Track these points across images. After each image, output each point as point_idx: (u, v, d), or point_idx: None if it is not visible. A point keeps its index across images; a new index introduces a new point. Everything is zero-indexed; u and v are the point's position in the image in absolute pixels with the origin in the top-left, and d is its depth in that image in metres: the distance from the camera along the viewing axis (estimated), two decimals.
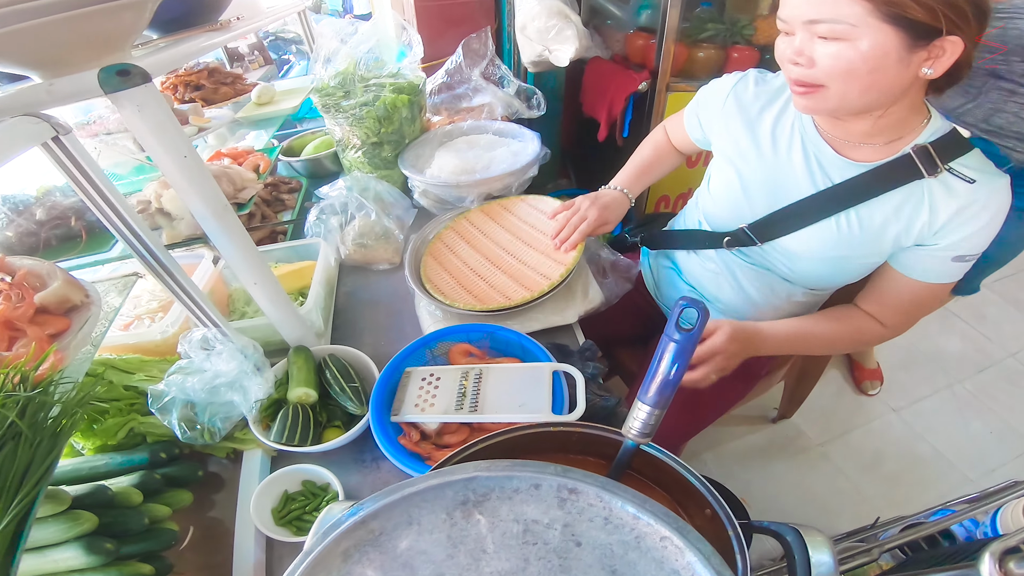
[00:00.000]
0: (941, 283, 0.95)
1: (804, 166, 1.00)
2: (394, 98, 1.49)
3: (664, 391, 0.58)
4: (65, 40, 0.61)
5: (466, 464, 0.56)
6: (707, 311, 0.56)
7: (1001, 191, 0.88)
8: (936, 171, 0.89)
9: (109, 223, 0.71)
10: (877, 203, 0.94)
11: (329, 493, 0.92)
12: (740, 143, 1.09)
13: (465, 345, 1.00)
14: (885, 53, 0.75)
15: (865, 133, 0.93)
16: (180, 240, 1.07)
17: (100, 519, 0.77)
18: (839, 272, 1.05)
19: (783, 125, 1.04)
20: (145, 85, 0.62)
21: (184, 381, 0.87)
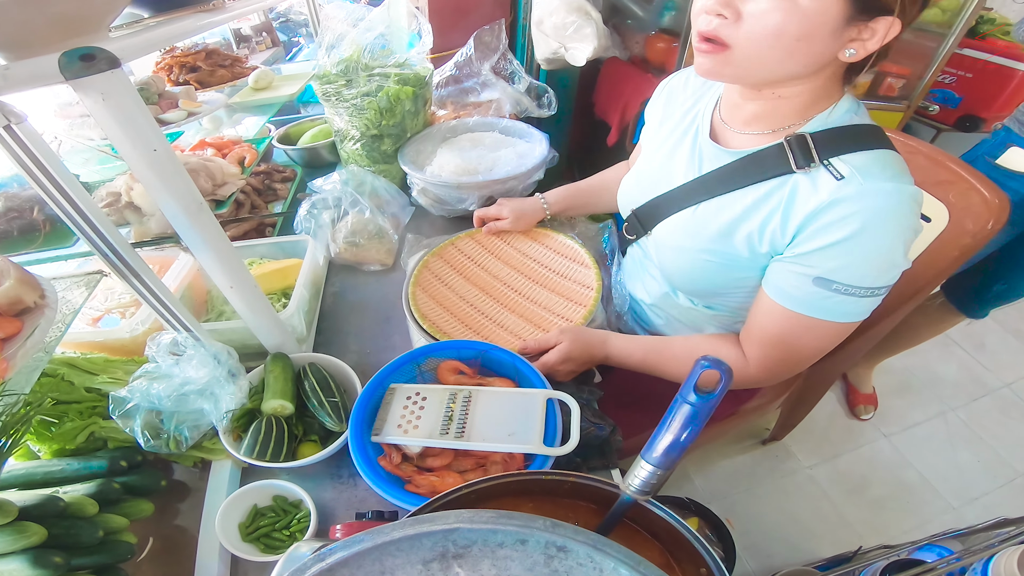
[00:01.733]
0: (807, 315, 0.80)
1: (688, 154, 0.95)
2: (398, 89, 1.42)
3: (671, 453, 0.53)
4: (30, 19, 0.56)
5: (447, 512, 0.51)
6: (731, 373, 0.50)
7: (882, 197, 0.72)
8: (809, 165, 0.76)
9: (68, 219, 0.65)
10: (738, 195, 0.85)
11: (301, 511, 0.87)
12: (653, 130, 1.09)
13: (455, 362, 0.94)
14: (824, 20, 0.67)
15: (756, 116, 0.85)
16: (150, 238, 1.00)
17: (50, 530, 0.73)
18: (699, 273, 0.94)
19: (693, 112, 0.99)
20: (112, 71, 0.56)
21: (149, 387, 0.82)
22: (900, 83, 2.39)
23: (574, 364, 0.98)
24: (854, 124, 0.79)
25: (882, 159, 0.75)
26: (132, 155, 0.63)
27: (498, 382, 0.92)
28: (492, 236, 1.32)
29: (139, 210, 0.97)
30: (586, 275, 1.18)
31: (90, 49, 0.55)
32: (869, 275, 0.74)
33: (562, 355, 0.96)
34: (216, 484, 0.91)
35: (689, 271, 0.96)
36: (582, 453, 0.88)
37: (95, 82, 0.56)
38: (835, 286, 0.75)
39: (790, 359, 0.88)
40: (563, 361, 0.96)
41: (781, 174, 0.80)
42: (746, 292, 0.93)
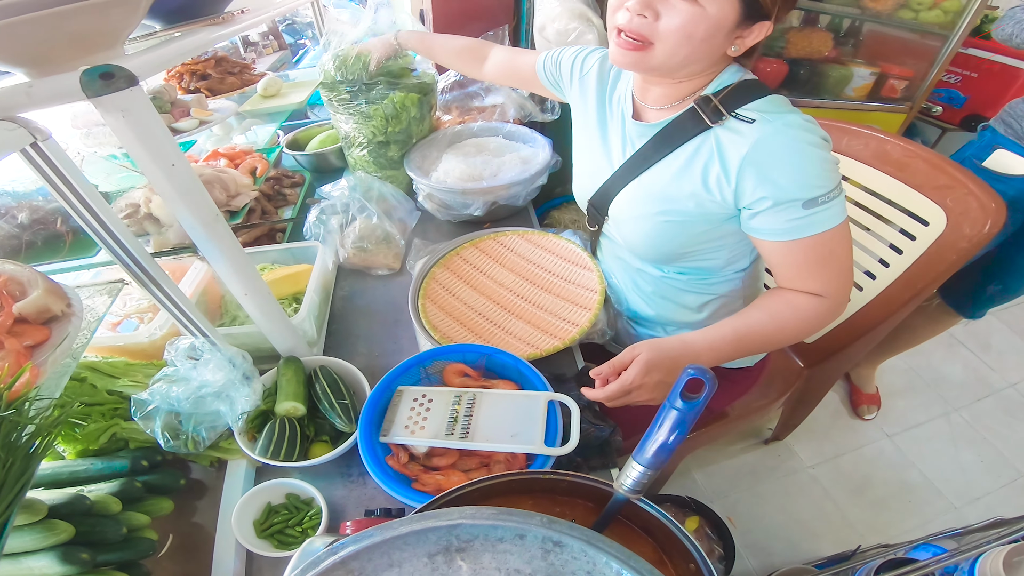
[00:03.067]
0: (820, 231, 0.87)
1: (621, 137, 1.06)
2: (403, 97, 1.45)
3: (660, 455, 0.56)
4: (50, 37, 0.58)
5: (451, 509, 0.54)
6: (715, 381, 0.54)
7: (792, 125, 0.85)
8: (721, 119, 0.89)
9: (91, 230, 0.68)
10: (670, 158, 0.96)
11: (313, 508, 0.90)
12: (588, 116, 1.14)
13: (460, 365, 0.97)
14: (723, 24, 0.80)
15: (662, 95, 0.97)
16: (168, 248, 1.04)
17: (77, 528, 0.76)
18: (660, 236, 1.02)
19: (615, 97, 1.09)
20: (131, 89, 0.59)
21: (169, 390, 0.85)
22: (903, 84, 2.39)
23: (661, 374, 0.88)
24: (743, 80, 0.92)
25: (774, 101, 0.89)
26: (151, 169, 0.66)
27: (502, 384, 0.95)
28: (496, 243, 1.34)
29: (158, 221, 1.00)
30: (588, 278, 1.20)
31: (109, 67, 0.57)
32: (829, 177, 0.86)
33: (643, 366, 0.87)
34: (232, 483, 0.94)
35: (651, 237, 1.04)
36: (583, 453, 0.91)
37: (115, 100, 0.58)
38: (819, 199, 0.85)
39: (843, 268, 0.94)
40: (646, 372, 0.87)
41: (701, 131, 0.92)
42: (707, 248, 1.03)
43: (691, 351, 0.93)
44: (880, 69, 2.48)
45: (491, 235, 1.36)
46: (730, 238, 1.01)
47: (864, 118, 2.48)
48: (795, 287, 0.96)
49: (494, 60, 1.38)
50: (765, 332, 0.96)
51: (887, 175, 1.24)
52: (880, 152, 1.25)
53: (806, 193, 0.84)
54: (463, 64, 1.44)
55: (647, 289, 1.16)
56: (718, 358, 0.95)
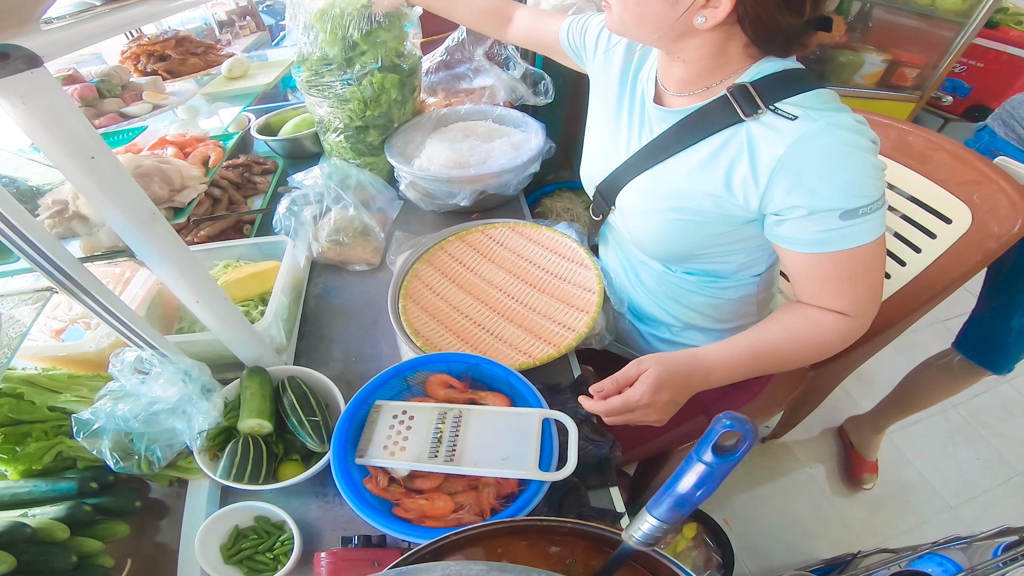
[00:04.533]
0: (854, 246, 0.80)
1: (639, 120, 0.98)
2: (382, 78, 1.34)
3: (679, 509, 0.47)
4: None
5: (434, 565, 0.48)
6: (756, 434, 0.44)
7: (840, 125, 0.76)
8: (756, 112, 0.80)
9: (2, 236, 0.57)
10: (692, 151, 0.88)
11: (285, 532, 0.83)
12: (608, 94, 1.05)
13: (445, 376, 0.88)
14: None
15: (681, 79, 0.88)
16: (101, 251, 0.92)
17: (19, 557, 0.71)
18: (670, 235, 0.94)
19: (637, 77, 1.01)
20: (31, 71, 0.50)
21: (115, 408, 0.77)
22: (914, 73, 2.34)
23: (671, 392, 0.82)
24: (787, 69, 0.82)
25: (821, 95, 0.79)
26: (66, 163, 0.57)
27: (491, 397, 0.87)
28: (484, 237, 1.25)
29: (88, 220, 0.89)
30: (586, 276, 1.12)
31: (3, 47, 0.48)
32: (874, 185, 0.77)
33: (653, 384, 0.80)
34: (194, 505, 0.87)
35: (659, 234, 0.96)
36: (580, 472, 0.83)
37: (12, 84, 0.50)
38: (860, 211, 0.77)
39: (873, 287, 0.86)
40: (655, 391, 0.80)
41: (731, 124, 0.83)
42: (720, 252, 0.95)
43: (703, 368, 0.85)
44: (892, 56, 2.42)
45: (479, 227, 1.28)
46: (748, 242, 0.93)
47: (873, 106, 2.43)
48: (817, 303, 0.88)
49: (518, 23, 1.27)
50: (784, 351, 0.89)
51: (908, 168, 1.17)
52: (901, 143, 1.17)
53: (847, 203, 0.76)
54: (486, 25, 1.31)
55: (652, 287, 1.09)
56: (731, 376, 0.88)
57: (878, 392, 1.97)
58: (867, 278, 0.84)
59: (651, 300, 1.10)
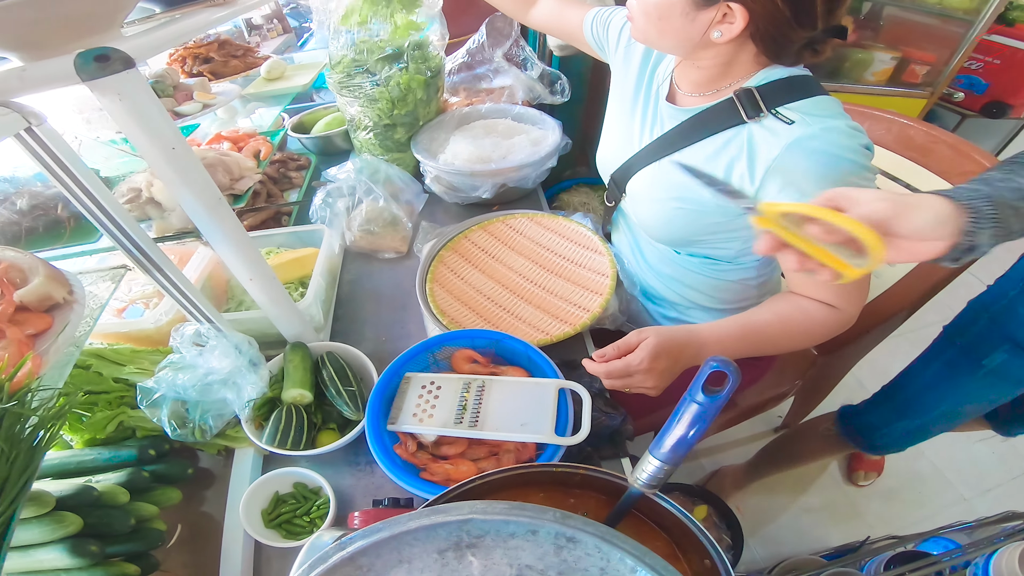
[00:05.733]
0: None
1: (651, 116, 1.05)
2: (409, 78, 1.42)
3: (678, 449, 0.54)
4: (43, 20, 0.56)
5: (462, 504, 0.53)
6: (739, 374, 0.51)
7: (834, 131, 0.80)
8: (759, 115, 0.86)
9: (91, 216, 0.66)
10: (697, 147, 0.94)
11: (320, 497, 0.90)
12: (626, 87, 1.11)
13: (469, 351, 0.95)
14: (671, 4, 0.80)
15: (694, 82, 0.95)
16: (171, 233, 1.02)
17: (85, 520, 0.75)
18: (674, 222, 1.01)
19: (655, 76, 1.07)
20: (127, 71, 0.57)
21: (175, 378, 0.84)
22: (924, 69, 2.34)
23: (668, 361, 0.86)
24: (793, 76, 0.87)
25: (821, 103, 0.85)
26: (151, 153, 0.64)
27: (512, 371, 0.93)
28: (505, 226, 1.32)
29: (160, 205, 0.98)
30: (600, 262, 1.18)
31: (104, 50, 0.55)
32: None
33: (651, 351, 0.84)
34: (239, 472, 0.94)
35: (663, 221, 1.03)
36: (593, 442, 0.89)
37: (111, 83, 0.57)
38: None
39: (858, 285, 0.91)
40: (654, 358, 0.84)
41: (734, 125, 0.89)
42: (718, 239, 1.01)
43: (697, 341, 0.91)
44: (902, 54, 2.42)
45: (500, 218, 1.34)
46: (744, 231, 0.98)
47: (883, 103, 2.42)
48: (807, 293, 0.94)
49: (543, 7, 1.32)
50: (772, 334, 0.95)
51: (910, 161, 1.20)
52: (903, 137, 1.21)
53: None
54: (510, 4, 1.38)
55: (660, 268, 1.15)
56: (722, 352, 0.91)
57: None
58: None
59: (659, 280, 1.17)
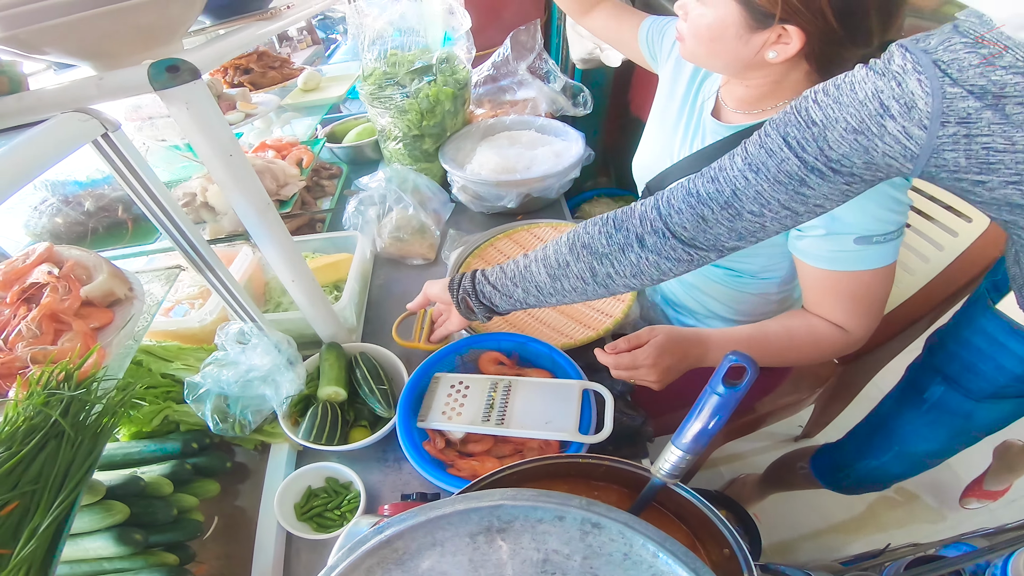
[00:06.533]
0: (862, 270, 0.85)
1: (693, 129, 1.05)
2: (437, 90, 1.47)
3: (700, 439, 0.57)
4: (117, 31, 0.62)
5: (493, 491, 0.56)
6: (757, 368, 0.54)
7: None
8: None
9: (154, 218, 0.71)
10: None
11: (351, 492, 0.94)
12: (672, 98, 1.11)
13: (495, 354, 0.99)
14: (724, 27, 0.79)
15: (741, 99, 0.94)
16: (223, 236, 1.07)
17: (131, 509, 0.79)
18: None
19: (701, 89, 1.06)
20: (194, 82, 0.62)
21: (219, 373, 0.88)
22: None
23: (672, 359, 0.92)
24: None
25: None
26: (211, 159, 0.69)
27: (536, 373, 0.97)
28: (529, 235, 1.35)
29: (213, 209, 1.04)
30: None
31: (175, 61, 0.60)
32: (892, 220, 0.81)
33: (659, 348, 0.91)
34: (275, 466, 0.98)
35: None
36: (614, 442, 0.92)
37: (180, 92, 0.61)
38: (874, 239, 0.82)
39: (873, 307, 0.92)
40: (659, 354, 0.90)
41: None
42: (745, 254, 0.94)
43: (703, 344, 0.95)
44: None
45: (524, 227, 1.38)
46: (771, 249, 0.99)
47: None
48: (820, 313, 0.95)
49: (603, 10, 1.30)
50: (777, 346, 0.97)
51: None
52: None
53: (863, 229, 0.82)
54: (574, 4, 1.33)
55: (683, 277, 1.15)
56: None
57: None
58: (868, 299, 0.90)
59: (681, 288, 1.19)
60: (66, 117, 0.58)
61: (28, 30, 0.60)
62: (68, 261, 0.73)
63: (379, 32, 1.47)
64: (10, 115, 0.60)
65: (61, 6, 0.58)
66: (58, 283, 0.69)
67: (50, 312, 0.67)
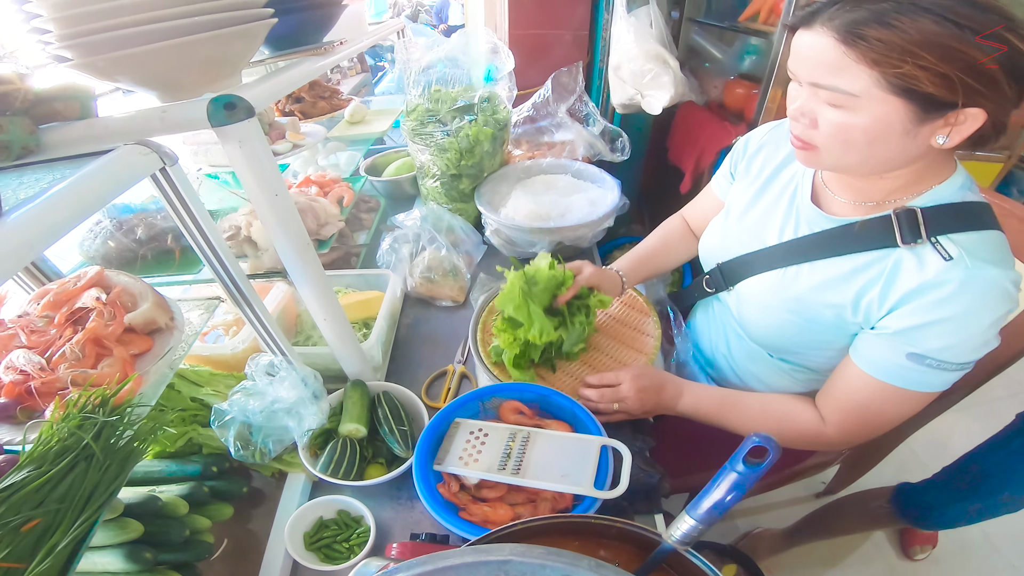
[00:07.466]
0: (894, 385, 0.80)
1: (784, 214, 0.96)
2: (478, 130, 1.49)
3: (714, 511, 0.57)
4: (180, 63, 0.65)
5: (503, 545, 0.56)
6: (779, 450, 0.54)
7: (987, 282, 0.72)
8: (916, 241, 0.76)
9: (200, 251, 0.74)
10: (833, 262, 0.86)
11: (361, 526, 0.94)
12: (749, 182, 1.06)
13: (517, 403, 0.99)
14: (888, 126, 0.70)
15: (859, 188, 0.86)
16: (262, 272, 1.10)
17: (146, 527, 0.80)
18: (782, 331, 0.96)
19: (791, 171, 0.99)
20: (248, 120, 0.64)
21: (246, 402, 0.90)
22: None
23: (646, 381, 0.98)
24: (965, 202, 0.78)
25: (990, 241, 0.76)
26: (258, 197, 0.72)
27: (555, 425, 0.96)
28: None
29: (255, 245, 1.07)
30: (645, 323, 1.22)
31: (232, 98, 0.62)
32: (964, 353, 0.76)
33: (633, 379, 0.97)
34: (290, 494, 0.99)
35: (773, 329, 0.98)
36: (629, 497, 0.91)
37: (235, 130, 0.64)
38: (928, 361, 0.76)
39: (871, 425, 0.88)
40: (633, 380, 0.97)
41: (884, 247, 0.80)
42: (826, 353, 0.95)
43: (678, 388, 1.00)
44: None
45: None
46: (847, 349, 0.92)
47: None
48: (820, 399, 0.94)
49: (695, 224, 1.31)
50: (747, 415, 0.98)
51: None
52: None
53: (923, 347, 0.77)
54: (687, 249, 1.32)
55: (745, 364, 1.12)
56: (695, 408, 1.00)
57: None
58: (873, 415, 0.86)
59: (730, 366, 1.15)
60: (128, 150, 0.61)
61: (104, 58, 0.63)
62: (116, 287, 0.76)
63: (425, 67, 1.51)
64: (78, 142, 0.62)
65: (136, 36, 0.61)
66: (104, 309, 0.72)
67: (94, 336, 0.70)
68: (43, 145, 0.61)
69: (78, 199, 0.52)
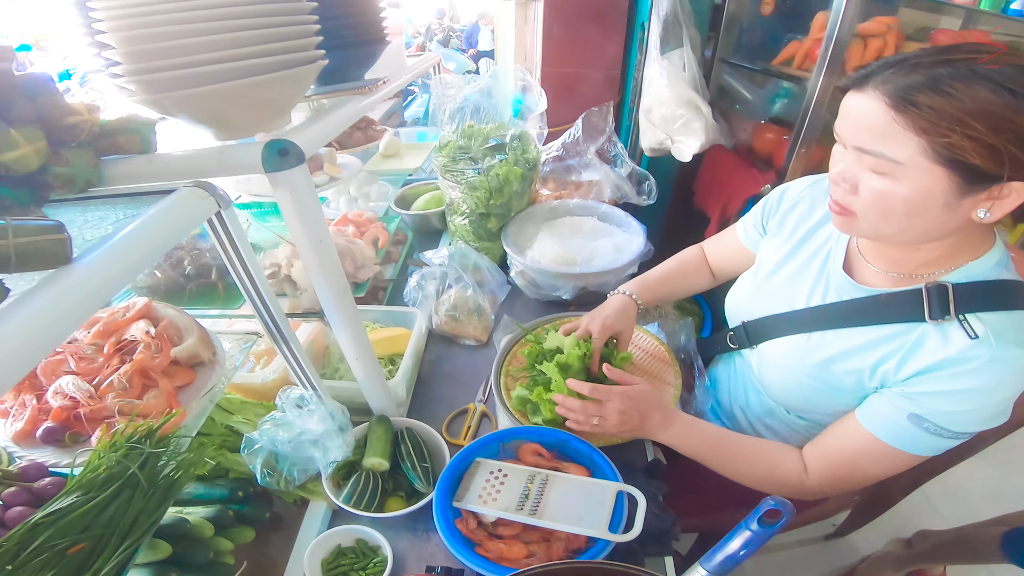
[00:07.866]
0: (886, 443, 0.80)
1: (815, 279, 0.96)
2: (508, 170, 1.51)
3: (726, 565, 0.60)
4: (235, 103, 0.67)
5: None
6: (794, 513, 0.57)
7: (1009, 363, 0.71)
8: (944, 317, 0.75)
9: (244, 290, 0.77)
10: (858, 331, 0.85)
11: (378, 556, 0.96)
12: (781, 242, 1.05)
13: (536, 446, 1.02)
14: (929, 197, 0.68)
15: (892, 259, 0.85)
16: (300, 311, 1.14)
17: (173, 548, 0.83)
18: (801, 393, 0.96)
19: (825, 235, 0.98)
20: (299, 167, 0.66)
21: (275, 432, 0.94)
22: None
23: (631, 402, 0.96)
24: (999, 280, 0.77)
25: (1019, 322, 0.74)
26: (303, 241, 0.74)
27: (573, 468, 0.99)
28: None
29: (295, 284, 1.11)
30: (666, 372, 1.23)
31: (285, 144, 0.64)
32: (967, 423, 0.75)
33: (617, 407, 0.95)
34: (311, 522, 1.02)
35: (792, 390, 0.98)
36: (641, 540, 0.92)
37: (286, 176, 0.66)
38: (927, 425, 0.76)
39: (852, 479, 0.89)
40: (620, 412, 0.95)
41: (911, 320, 0.79)
42: (844, 413, 0.93)
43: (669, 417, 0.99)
44: None
45: (574, 317, 1.39)
46: None
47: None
48: (809, 446, 0.95)
49: (713, 262, 1.32)
50: (732, 456, 0.98)
51: None
52: None
53: (926, 410, 0.77)
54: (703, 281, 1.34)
55: (762, 418, 1.12)
56: (680, 440, 0.99)
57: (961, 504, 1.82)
58: (856, 468, 0.87)
59: (746, 417, 1.16)
60: (188, 193, 0.63)
61: (170, 96, 0.65)
62: (163, 320, 0.80)
63: (459, 105, 1.55)
64: (138, 177, 0.64)
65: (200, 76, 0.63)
66: (152, 342, 0.76)
67: (141, 368, 0.74)
68: (104, 178, 0.62)
69: (144, 243, 0.55)
